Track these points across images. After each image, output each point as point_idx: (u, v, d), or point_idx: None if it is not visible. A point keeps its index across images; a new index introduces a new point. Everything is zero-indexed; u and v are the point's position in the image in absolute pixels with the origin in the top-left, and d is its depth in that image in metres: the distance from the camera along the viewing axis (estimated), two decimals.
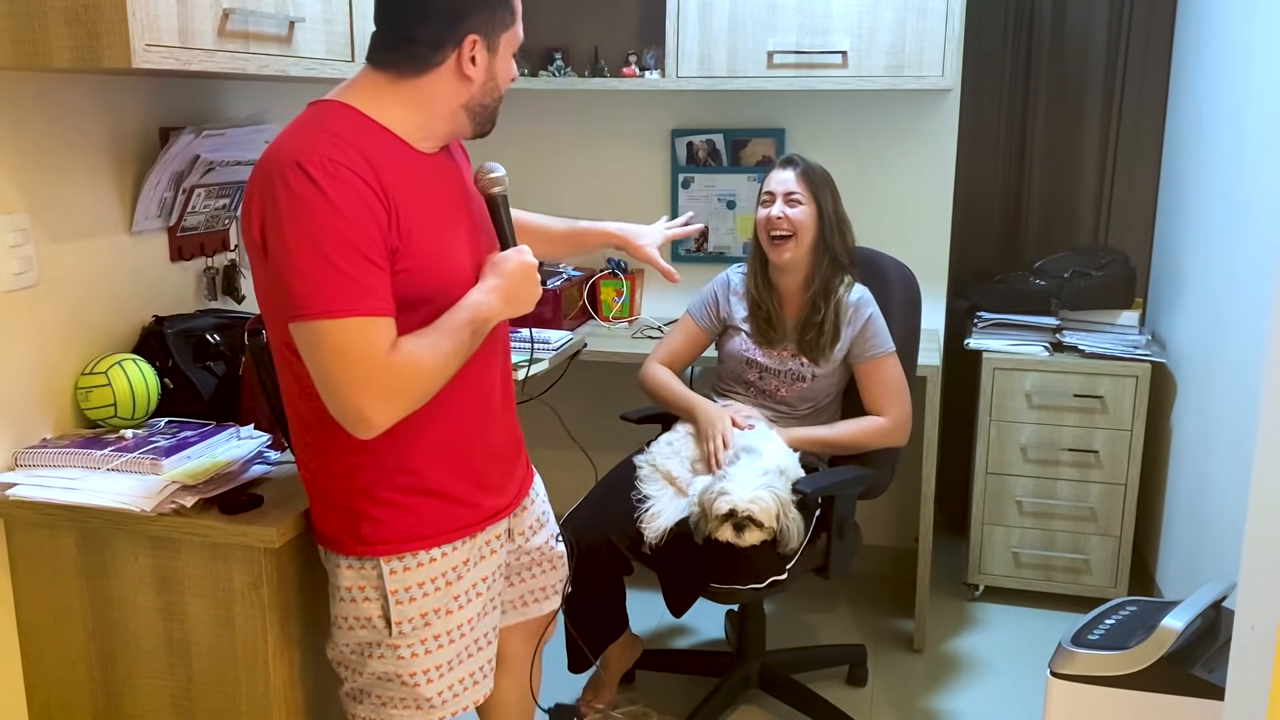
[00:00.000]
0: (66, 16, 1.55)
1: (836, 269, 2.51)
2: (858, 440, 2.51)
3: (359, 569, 1.61)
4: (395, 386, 1.45)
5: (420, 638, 1.64)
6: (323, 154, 1.42)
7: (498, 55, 1.57)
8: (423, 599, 1.63)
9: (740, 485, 2.22)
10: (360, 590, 1.62)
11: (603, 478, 2.60)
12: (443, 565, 1.64)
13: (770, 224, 2.48)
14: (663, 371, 2.65)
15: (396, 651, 1.63)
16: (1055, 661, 2.00)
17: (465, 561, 1.68)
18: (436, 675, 1.67)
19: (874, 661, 2.92)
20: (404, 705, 1.67)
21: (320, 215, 1.39)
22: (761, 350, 2.56)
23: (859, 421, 2.52)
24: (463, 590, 1.68)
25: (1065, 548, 3.16)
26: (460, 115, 1.58)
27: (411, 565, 1.62)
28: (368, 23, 2.18)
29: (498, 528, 1.75)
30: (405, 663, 1.64)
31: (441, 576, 1.64)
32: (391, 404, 1.45)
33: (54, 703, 1.80)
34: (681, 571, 2.35)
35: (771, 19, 2.86)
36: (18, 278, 1.75)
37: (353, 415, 1.44)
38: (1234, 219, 2.63)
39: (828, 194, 2.50)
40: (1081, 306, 3.18)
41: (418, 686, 1.65)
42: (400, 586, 1.61)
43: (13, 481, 1.70)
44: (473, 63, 1.53)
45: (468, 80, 1.54)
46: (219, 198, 2.18)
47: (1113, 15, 3.33)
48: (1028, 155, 3.48)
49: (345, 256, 1.40)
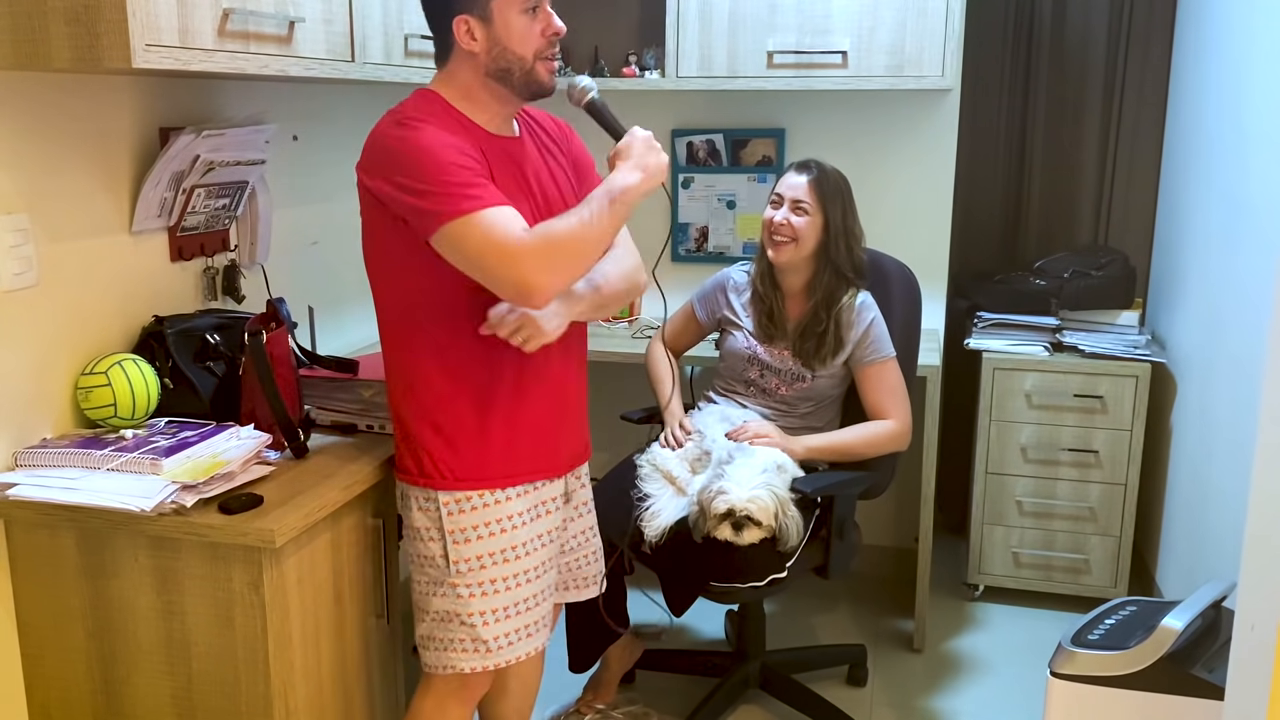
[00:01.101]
0: (66, 16, 1.55)
1: (840, 280, 2.50)
2: (869, 444, 2.50)
3: (426, 510, 1.80)
4: (543, 253, 1.61)
5: (478, 580, 1.79)
6: (414, 114, 1.68)
7: (494, 23, 1.69)
8: (478, 541, 1.78)
9: (738, 484, 2.22)
10: (426, 530, 1.80)
11: (603, 477, 2.60)
12: (497, 512, 1.80)
13: (773, 227, 2.48)
14: (660, 358, 2.68)
15: (455, 590, 1.79)
16: (1055, 661, 2.00)
17: (522, 513, 1.83)
18: (493, 619, 1.80)
19: (874, 661, 2.92)
20: (463, 648, 1.81)
21: (422, 149, 1.63)
22: (763, 347, 2.56)
23: (868, 426, 2.51)
24: (521, 541, 1.82)
25: (1065, 548, 3.16)
26: (491, 84, 1.74)
27: (466, 508, 1.78)
28: (368, 23, 2.19)
29: (554, 488, 1.90)
30: (464, 602, 1.79)
31: (496, 522, 1.80)
32: (546, 268, 1.61)
33: (54, 703, 1.80)
34: (681, 571, 2.35)
35: (771, 19, 2.86)
36: (18, 278, 1.75)
37: (514, 288, 1.62)
38: (1234, 219, 2.63)
39: (838, 206, 2.48)
40: (1081, 306, 3.18)
41: (475, 627, 1.80)
42: (457, 527, 1.78)
43: (13, 481, 1.70)
44: (471, 38, 1.70)
45: (473, 55, 1.71)
46: (219, 198, 2.18)
47: (1113, 15, 3.33)
48: (1028, 155, 3.48)
49: (454, 174, 1.61)
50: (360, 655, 1.93)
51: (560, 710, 2.65)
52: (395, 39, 2.30)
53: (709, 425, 2.50)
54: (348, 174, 1.77)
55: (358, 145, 1.72)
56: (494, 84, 1.73)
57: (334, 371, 2.09)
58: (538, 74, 1.74)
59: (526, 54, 1.71)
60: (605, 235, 1.68)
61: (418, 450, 1.80)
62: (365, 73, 2.20)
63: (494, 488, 1.80)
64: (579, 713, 2.63)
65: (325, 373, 2.09)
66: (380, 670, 2.01)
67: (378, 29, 2.23)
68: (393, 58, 2.29)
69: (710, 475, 2.31)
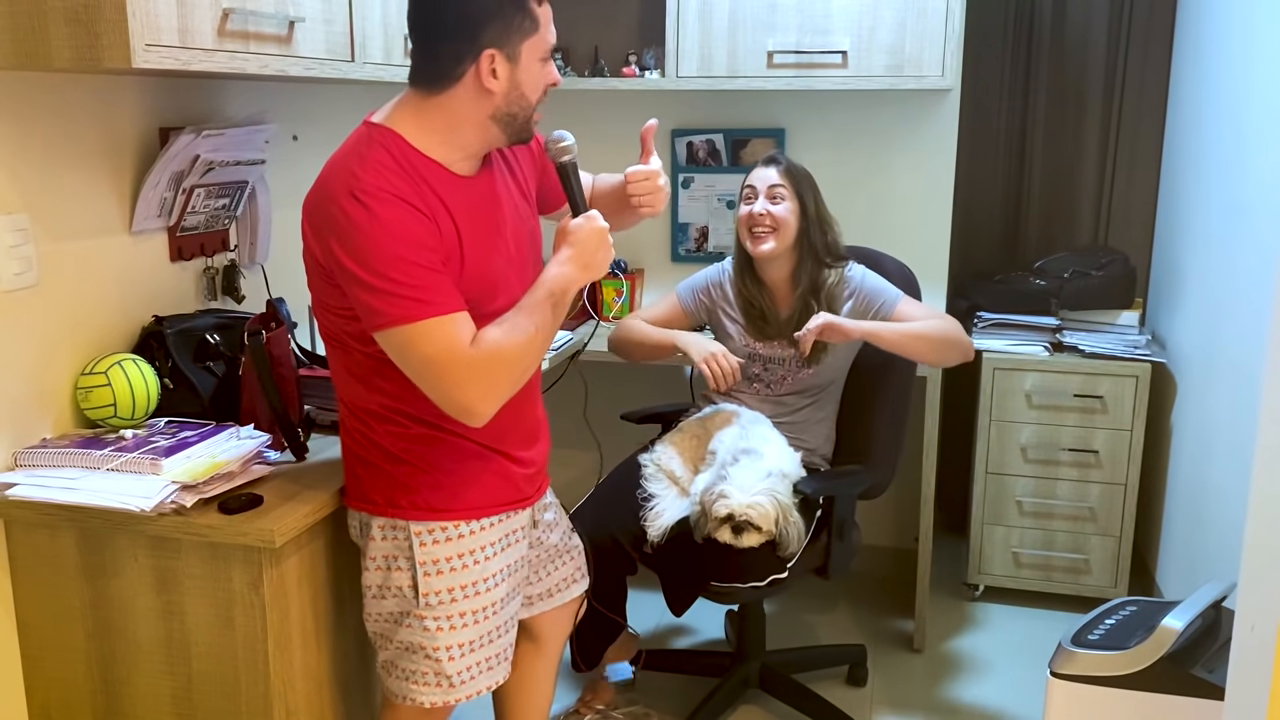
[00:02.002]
0: (66, 16, 1.55)
1: (820, 267, 2.51)
2: (938, 332, 2.41)
3: (392, 539, 1.70)
4: (487, 374, 1.55)
5: (446, 613, 1.71)
6: (372, 183, 1.52)
7: (520, 65, 1.58)
8: (450, 574, 1.71)
9: (740, 488, 2.21)
10: (393, 559, 1.71)
11: (606, 477, 2.60)
12: (470, 543, 1.72)
13: (753, 220, 2.48)
14: (637, 321, 2.65)
15: (423, 623, 1.71)
16: (1055, 661, 2.00)
17: (494, 543, 1.75)
18: (459, 654, 1.74)
19: (874, 661, 2.92)
20: (425, 680, 1.74)
21: (377, 238, 1.49)
22: (760, 344, 2.56)
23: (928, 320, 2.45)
24: (492, 573, 1.75)
25: (1065, 548, 3.16)
26: (490, 126, 1.62)
27: (440, 539, 1.70)
28: (368, 23, 2.19)
29: (522, 518, 1.83)
30: (430, 635, 1.71)
31: (469, 554, 1.72)
32: (489, 391, 1.56)
33: (54, 703, 1.80)
34: (682, 570, 2.35)
35: (771, 19, 2.86)
36: (18, 278, 1.75)
37: (456, 408, 1.56)
38: (1234, 219, 2.63)
39: (810, 192, 2.50)
40: (1081, 306, 3.18)
41: (440, 662, 1.72)
42: (429, 559, 1.70)
43: (13, 481, 1.70)
44: (494, 75, 1.56)
45: (489, 93, 1.57)
46: (219, 198, 2.18)
47: (1113, 15, 3.33)
48: (1028, 155, 3.48)
49: (407, 272, 1.50)
50: (360, 655, 1.93)
51: (560, 710, 2.65)
52: (395, 39, 2.30)
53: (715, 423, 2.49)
54: None
55: None
56: (493, 126, 1.61)
57: None
58: (531, 123, 1.66)
59: (533, 102, 1.63)
60: (548, 340, 1.64)
61: (386, 482, 1.70)
62: (365, 73, 2.20)
63: (468, 519, 1.72)
64: (579, 713, 2.63)
65: (325, 373, 2.08)
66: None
67: (378, 29, 2.23)
68: (393, 58, 2.29)
69: (714, 476, 2.30)
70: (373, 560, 1.73)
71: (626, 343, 2.66)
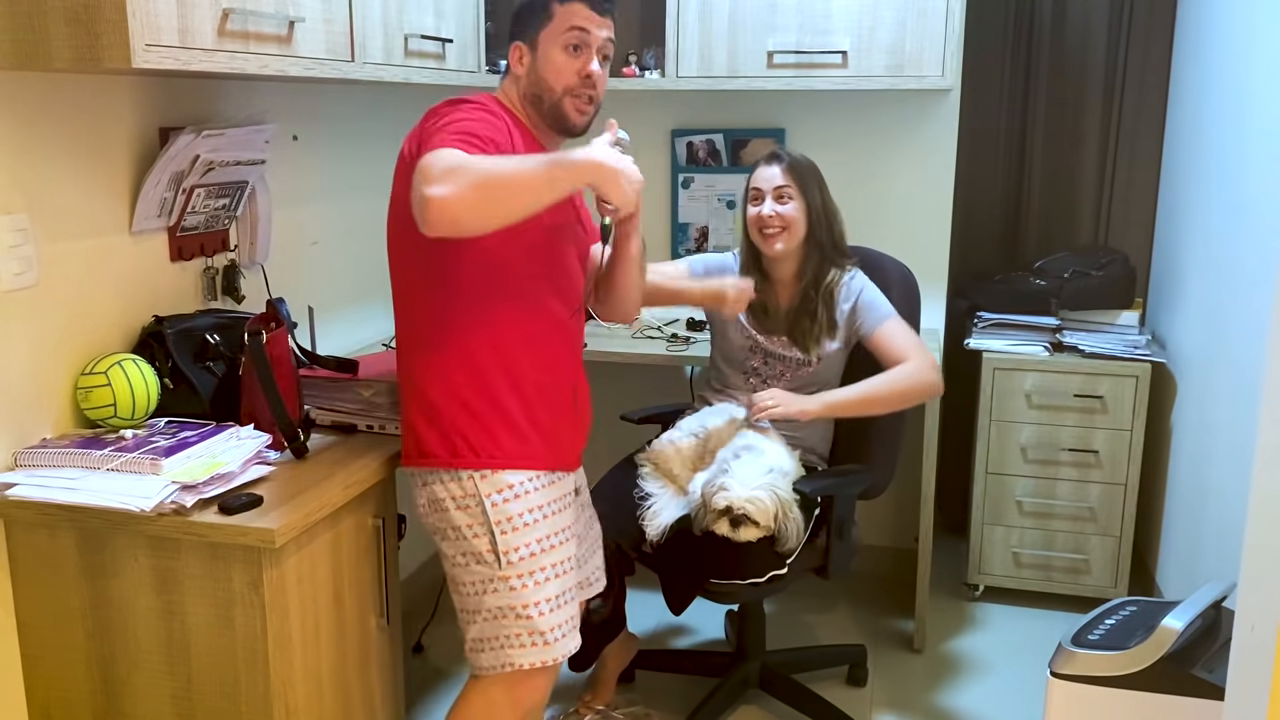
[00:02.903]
0: (66, 16, 1.55)
1: (825, 262, 2.51)
2: (895, 388, 2.39)
3: (465, 508, 1.80)
4: (454, 171, 1.56)
5: (529, 569, 1.81)
6: (468, 98, 1.80)
7: (539, 54, 1.86)
8: (525, 529, 1.81)
9: (741, 483, 2.22)
10: (469, 528, 1.80)
11: (604, 477, 2.60)
12: (537, 499, 1.83)
13: (761, 222, 2.48)
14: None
15: (508, 583, 1.80)
16: (1055, 661, 2.00)
17: (554, 500, 1.86)
18: (548, 609, 1.81)
19: (874, 661, 2.92)
20: (521, 643, 1.81)
21: (458, 114, 1.72)
22: (762, 335, 2.56)
23: (889, 371, 2.43)
24: (562, 527, 1.87)
25: (1065, 548, 3.16)
26: (527, 108, 1.90)
27: (510, 496, 1.80)
28: (368, 23, 2.19)
29: (569, 483, 1.94)
30: (518, 594, 1.80)
31: (539, 508, 1.83)
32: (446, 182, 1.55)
33: (54, 703, 1.80)
34: (681, 569, 2.35)
35: (771, 19, 2.86)
36: (18, 278, 1.75)
37: (417, 198, 1.57)
38: (1234, 219, 2.63)
39: (815, 187, 2.50)
40: (1081, 306, 3.18)
41: (532, 619, 1.81)
42: (504, 516, 1.79)
43: (13, 481, 1.70)
44: (520, 63, 1.88)
45: (519, 78, 1.89)
46: (219, 198, 2.18)
47: (1113, 15, 3.33)
48: (1028, 155, 3.48)
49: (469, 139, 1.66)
50: (360, 655, 1.93)
51: (560, 711, 2.65)
52: (395, 39, 2.30)
53: (713, 423, 2.49)
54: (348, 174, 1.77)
55: (358, 145, 1.72)
56: (529, 108, 1.89)
57: (334, 371, 2.09)
58: (564, 108, 1.86)
59: (557, 87, 1.85)
60: (529, 184, 1.62)
61: (448, 431, 1.80)
62: (365, 73, 2.20)
63: (531, 468, 1.83)
64: (579, 713, 2.63)
65: (325, 373, 2.09)
66: (380, 670, 2.01)
67: (378, 29, 2.23)
68: (393, 58, 2.29)
69: (715, 470, 2.30)
70: (450, 531, 1.82)
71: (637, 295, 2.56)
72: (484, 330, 1.80)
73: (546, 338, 1.88)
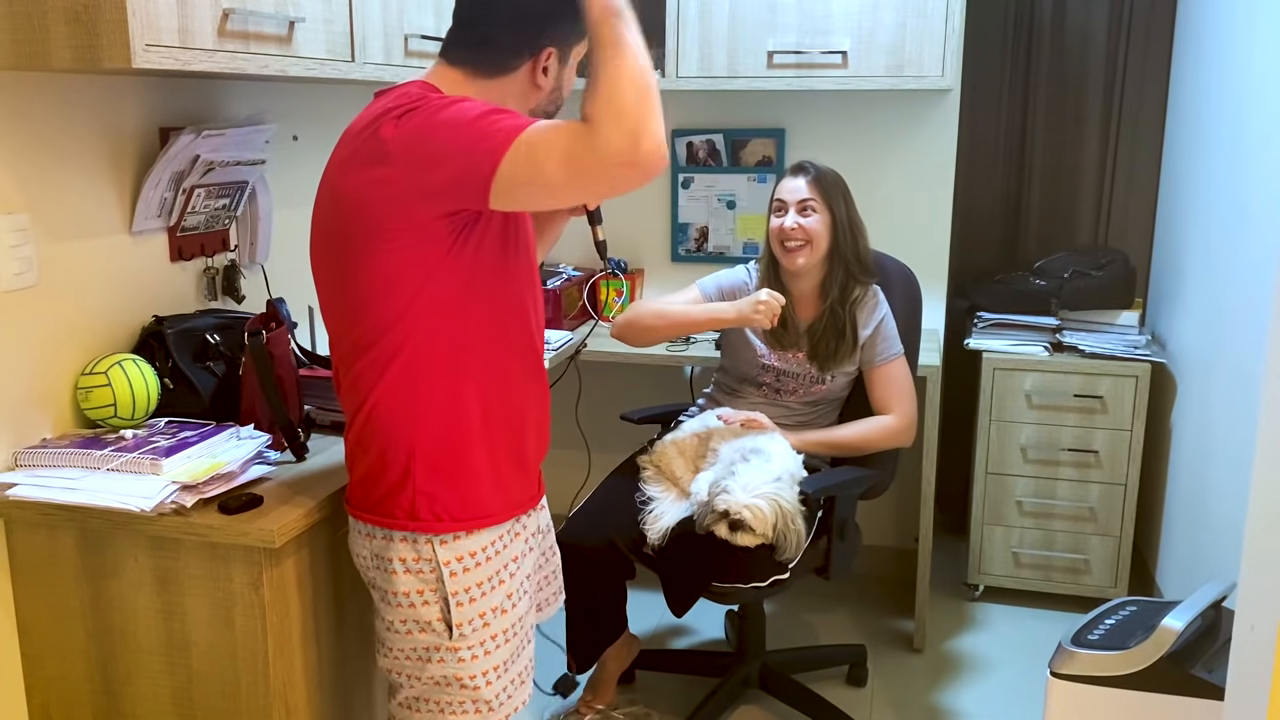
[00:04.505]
0: (66, 16, 1.55)
1: (850, 277, 2.50)
2: (867, 440, 2.49)
3: (416, 572, 1.60)
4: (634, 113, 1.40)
5: (480, 639, 1.64)
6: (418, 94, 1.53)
7: (566, 66, 1.65)
8: (481, 599, 1.63)
9: (743, 488, 2.21)
10: (418, 594, 1.60)
11: (605, 479, 2.60)
12: (500, 561, 1.64)
13: (784, 234, 2.47)
14: (652, 301, 2.59)
15: (457, 654, 1.62)
16: (1055, 661, 2.00)
17: (517, 557, 1.68)
18: (494, 676, 1.66)
19: (874, 661, 2.92)
20: (463, 710, 1.66)
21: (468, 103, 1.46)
22: (775, 354, 2.56)
23: (867, 422, 2.51)
24: (515, 588, 1.68)
25: (1065, 548, 3.16)
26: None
27: (470, 565, 1.61)
28: (368, 23, 2.19)
29: (533, 521, 1.76)
30: (466, 665, 1.63)
31: (499, 572, 1.64)
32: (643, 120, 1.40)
33: (54, 703, 1.80)
34: (683, 571, 2.35)
35: (771, 19, 2.86)
36: (18, 278, 1.75)
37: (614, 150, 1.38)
38: (1234, 219, 2.63)
39: (840, 200, 2.49)
40: (1081, 306, 3.18)
41: (478, 689, 1.64)
42: (461, 588, 1.60)
43: (13, 481, 1.70)
44: (545, 73, 1.61)
45: (538, 88, 1.62)
46: (219, 198, 2.18)
47: (1113, 15, 3.33)
48: (1028, 155, 3.48)
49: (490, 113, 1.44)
50: (360, 655, 1.93)
51: (560, 711, 2.65)
52: (395, 39, 2.30)
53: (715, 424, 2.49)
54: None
55: None
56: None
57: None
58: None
59: (563, 103, 1.68)
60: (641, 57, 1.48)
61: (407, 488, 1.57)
62: (365, 73, 2.20)
63: (499, 522, 1.64)
64: (579, 713, 2.63)
65: (325, 373, 2.08)
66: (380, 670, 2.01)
67: (378, 29, 2.23)
68: (393, 58, 2.29)
69: (723, 470, 2.29)
70: (395, 596, 1.61)
71: (638, 323, 2.52)
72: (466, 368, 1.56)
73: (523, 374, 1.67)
